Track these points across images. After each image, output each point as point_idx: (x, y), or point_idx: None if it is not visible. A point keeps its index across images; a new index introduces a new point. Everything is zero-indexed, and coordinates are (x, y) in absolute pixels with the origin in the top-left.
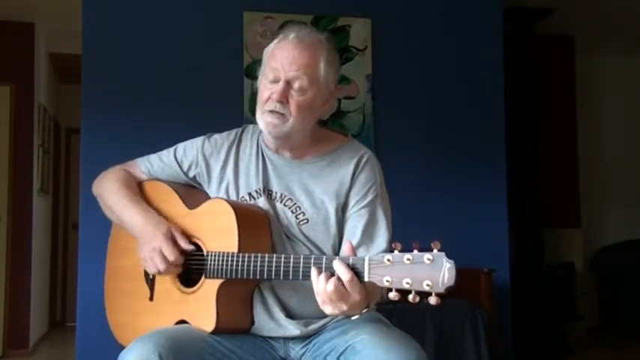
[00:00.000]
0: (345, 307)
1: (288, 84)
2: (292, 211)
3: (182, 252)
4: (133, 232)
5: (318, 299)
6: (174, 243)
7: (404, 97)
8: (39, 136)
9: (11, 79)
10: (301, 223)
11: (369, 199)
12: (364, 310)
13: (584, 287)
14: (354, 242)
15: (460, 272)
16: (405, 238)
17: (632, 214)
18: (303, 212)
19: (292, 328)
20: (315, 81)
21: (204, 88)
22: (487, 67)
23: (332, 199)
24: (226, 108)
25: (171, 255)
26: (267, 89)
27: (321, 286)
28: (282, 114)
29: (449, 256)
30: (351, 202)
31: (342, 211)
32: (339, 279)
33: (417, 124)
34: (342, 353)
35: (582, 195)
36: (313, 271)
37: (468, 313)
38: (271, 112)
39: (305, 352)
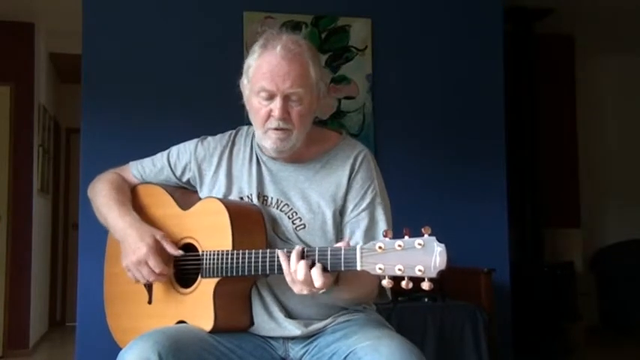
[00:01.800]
0: (307, 292)
1: (286, 98)
2: (289, 217)
3: (170, 258)
4: (115, 236)
5: (287, 278)
6: (161, 252)
7: (404, 97)
8: (39, 136)
9: (11, 79)
10: (298, 228)
11: (367, 200)
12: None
13: (584, 287)
14: None
15: (460, 272)
16: (402, 236)
17: (632, 214)
18: (299, 217)
19: (292, 328)
20: (309, 87)
21: (203, 89)
22: (487, 67)
23: (329, 203)
24: (226, 108)
25: (157, 267)
26: (263, 107)
27: (292, 268)
28: (286, 129)
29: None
30: (350, 205)
31: (339, 214)
32: (308, 271)
33: (417, 124)
34: (344, 358)
35: (582, 195)
36: (282, 255)
37: (468, 313)
38: (276, 129)
39: (305, 352)
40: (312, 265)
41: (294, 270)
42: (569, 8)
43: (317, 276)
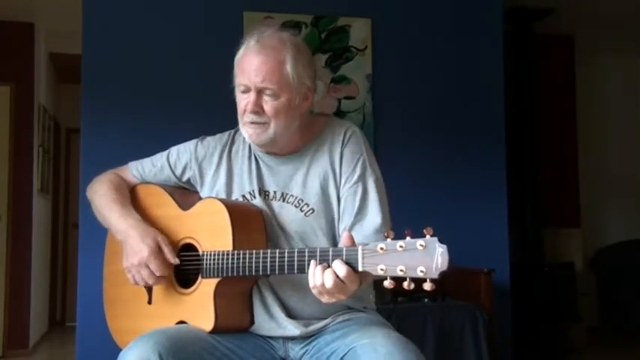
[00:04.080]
0: (342, 297)
1: (259, 92)
2: (295, 206)
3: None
4: (117, 237)
5: (314, 291)
6: (162, 255)
7: (404, 97)
8: (39, 136)
9: (11, 79)
10: (307, 214)
11: (357, 173)
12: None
13: (584, 287)
14: (349, 221)
15: (460, 272)
16: (404, 237)
17: (632, 214)
18: (307, 204)
19: (292, 328)
20: (284, 84)
21: (203, 89)
22: (487, 67)
23: (329, 180)
24: (226, 108)
25: (157, 270)
26: (242, 100)
27: (318, 281)
28: (262, 123)
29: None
30: (342, 179)
31: (339, 189)
32: (336, 274)
33: (417, 124)
34: (343, 357)
35: (582, 195)
36: (310, 265)
37: (468, 313)
38: (251, 123)
39: (305, 352)
40: (328, 266)
41: (321, 283)
42: (569, 8)
43: (339, 266)
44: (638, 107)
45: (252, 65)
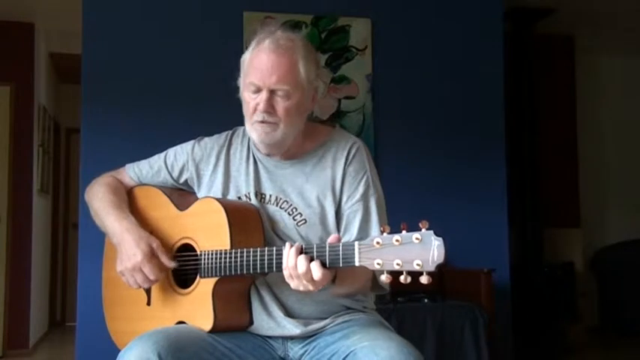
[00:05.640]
0: (311, 288)
1: (272, 92)
2: (289, 213)
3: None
4: (112, 240)
5: (285, 273)
6: (156, 258)
7: (404, 97)
8: (39, 136)
9: (11, 79)
10: (299, 224)
11: (360, 192)
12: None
13: (584, 287)
14: (351, 240)
15: (460, 272)
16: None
17: (632, 214)
18: (300, 213)
19: (292, 327)
20: (297, 84)
21: (203, 89)
22: (487, 67)
23: (327, 197)
24: (226, 108)
25: (151, 274)
26: (251, 100)
27: (291, 263)
28: (272, 122)
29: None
30: (344, 197)
31: (338, 206)
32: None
33: (417, 124)
34: (344, 358)
35: (582, 195)
36: (286, 245)
37: (468, 313)
38: (261, 122)
39: (304, 352)
40: (311, 260)
41: (293, 265)
42: (569, 8)
43: (316, 269)
44: (638, 107)
45: (266, 65)
